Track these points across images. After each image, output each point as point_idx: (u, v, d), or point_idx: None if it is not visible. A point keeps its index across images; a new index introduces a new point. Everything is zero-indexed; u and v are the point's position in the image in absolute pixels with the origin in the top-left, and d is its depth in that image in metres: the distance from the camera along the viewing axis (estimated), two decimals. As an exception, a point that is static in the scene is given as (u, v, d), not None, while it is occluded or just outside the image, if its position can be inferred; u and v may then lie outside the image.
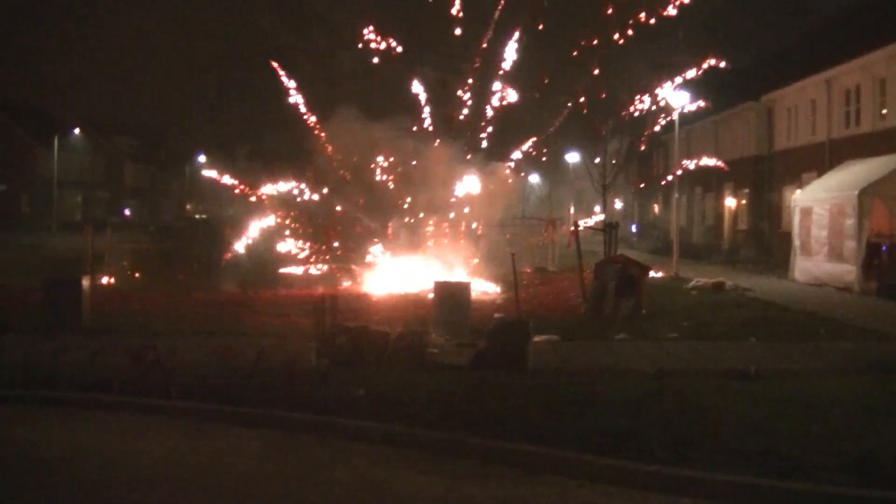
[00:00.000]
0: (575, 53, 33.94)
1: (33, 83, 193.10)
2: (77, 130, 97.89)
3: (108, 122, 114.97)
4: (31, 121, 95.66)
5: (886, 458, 9.52)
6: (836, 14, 46.14)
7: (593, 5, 34.67)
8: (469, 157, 36.07)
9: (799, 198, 36.48)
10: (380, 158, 35.81)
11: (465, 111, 36.43)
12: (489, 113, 36.26)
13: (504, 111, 36.65)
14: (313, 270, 34.74)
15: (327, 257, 35.85)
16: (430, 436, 11.15)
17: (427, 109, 36.65)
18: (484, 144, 36.98)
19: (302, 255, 36.06)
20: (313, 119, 36.80)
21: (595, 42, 33.09)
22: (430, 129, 36.79)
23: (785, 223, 44.62)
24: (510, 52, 34.80)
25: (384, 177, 36.20)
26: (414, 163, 35.48)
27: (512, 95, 35.96)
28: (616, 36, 32.66)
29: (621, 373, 15.17)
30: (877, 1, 41.34)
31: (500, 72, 35.43)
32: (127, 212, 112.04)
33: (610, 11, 32.40)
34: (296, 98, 36.55)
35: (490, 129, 36.76)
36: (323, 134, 36.46)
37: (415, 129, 36.11)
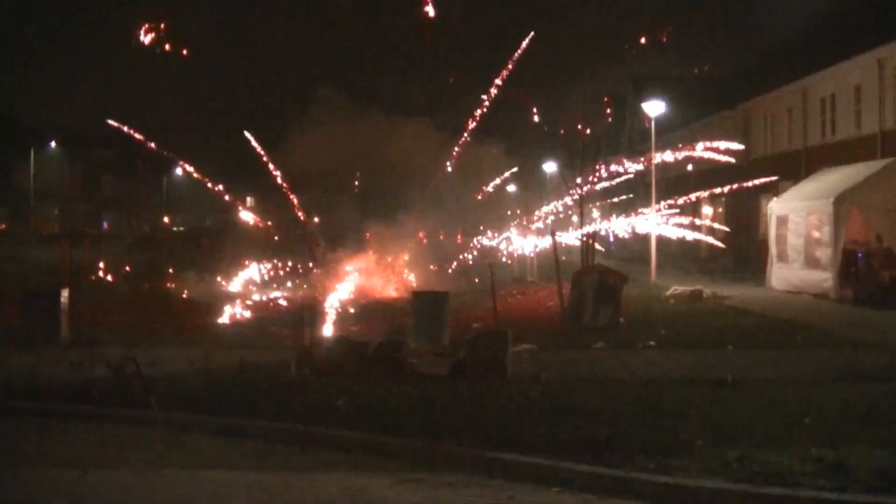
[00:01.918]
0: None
1: (9, 94, 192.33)
2: (54, 143, 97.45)
3: (85, 133, 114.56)
4: (7, 132, 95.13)
5: (860, 463, 9.62)
6: (811, 24, 46.40)
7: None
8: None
9: (775, 206, 36.66)
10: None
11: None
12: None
13: None
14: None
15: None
16: (409, 444, 11.22)
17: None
18: None
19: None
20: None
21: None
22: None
23: (762, 232, 44.81)
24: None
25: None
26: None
27: None
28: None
29: (600, 381, 15.25)
30: (851, 10, 41.64)
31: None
32: (105, 224, 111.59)
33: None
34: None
35: None
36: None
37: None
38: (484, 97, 38.85)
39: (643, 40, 53.49)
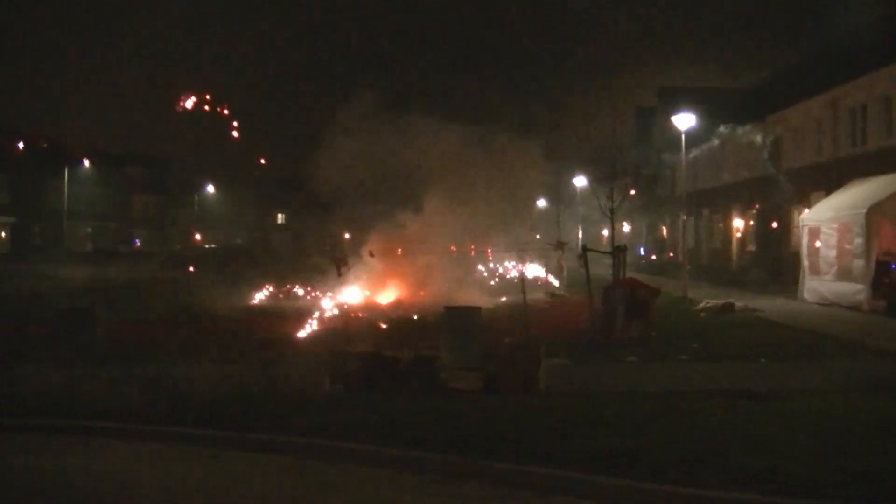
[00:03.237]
0: None
1: (44, 114, 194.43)
2: (86, 161, 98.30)
3: (117, 152, 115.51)
4: (41, 152, 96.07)
5: (890, 475, 9.63)
6: (840, 35, 46.29)
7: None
8: None
9: (806, 218, 36.55)
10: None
11: None
12: None
13: None
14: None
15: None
16: (442, 459, 11.27)
17: None
18: None
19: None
20: None
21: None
22: None
23: (793, 243, 44.65)
24: None
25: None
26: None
27: None
28: None
29: (631, 394, 15.27)
30: (880, 22, 41.48)
31: None
32: (137, 242, 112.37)
33: None
34: None
35: None
36: None
37: None
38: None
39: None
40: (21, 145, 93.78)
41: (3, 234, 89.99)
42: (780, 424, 12.17)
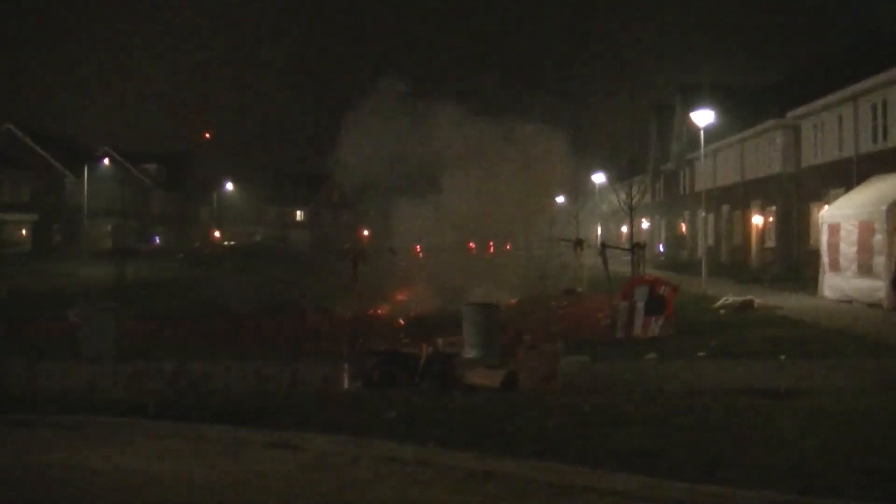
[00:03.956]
0: None
1: (63, 113, 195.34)
2: (106, 160, 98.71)
3: (136, 150, 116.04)
4: (61, 151, 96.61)
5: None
6: (860, 30, 46.22)
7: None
8: None
9: (826, 214, 36.40)
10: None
11: None
12: None
13: None
14: None
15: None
16: (462, 456, 11.26)
17: None
18: None
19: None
20: None
21: None
22: None
23: (813, 240, 44.50)
24: None
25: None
26: None
27: None
28: None
29: (651, 392, 15.24)
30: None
31: None
32: (156, 240, 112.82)
33: None
34: None
35: None
36: None
37: None
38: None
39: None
40: (41, 144, 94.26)
41: (24, 233, 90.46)
42: (802, 422, 12.12)
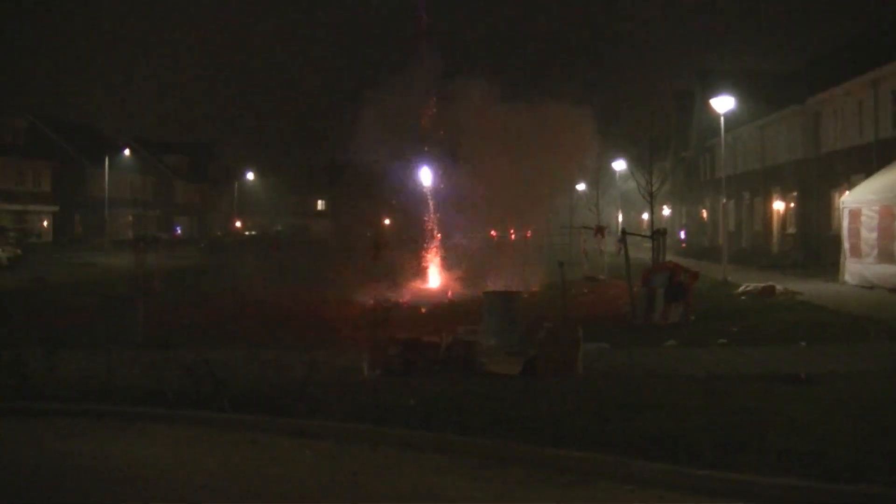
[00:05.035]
0: None
1: (85, 103, 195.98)
2: (127, 150, 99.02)
3: (158, 140, 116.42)
4: (82, 141, 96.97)
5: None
6: (879, 16, 45.99)
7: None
8: None
9: (847, 200, 36.19)
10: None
11: None
12: None
13: None
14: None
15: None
16: (481, 443, 11.25)
17: None
18: None
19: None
20: None
21: None
22: None
23: (834, 226, 44.31)
24: None
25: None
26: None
27: None
28: None
29: (671, 378, 15.19)
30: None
31: None
32: (178, 229, 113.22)
33: None
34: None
35: None
36: None
37: None
38: None
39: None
40: (63, 135, 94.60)
41: (46, 223, 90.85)
42: (824, 408, 12.06)
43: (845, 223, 35.13)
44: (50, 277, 44.36)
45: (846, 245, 34.90)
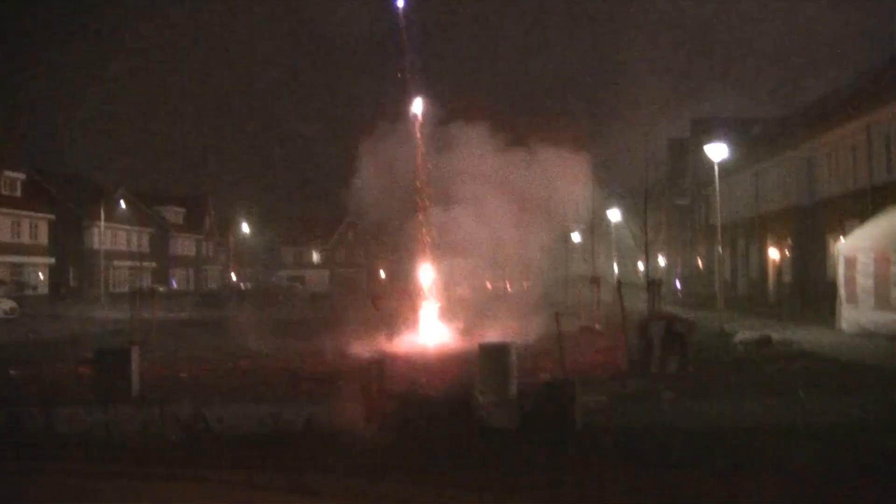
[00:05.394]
0: None
1: (80, 154, 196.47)
2: (123, 203, 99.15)
3: (154, 193, 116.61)
4: (79, 193, 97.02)
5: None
6: (872, 62, 46.34)
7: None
8: None
9: (843, 247, 36.27)
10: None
11: None
12: None
13: None
14: None
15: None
16: (480, 498, 11.22)
17: None
18: None
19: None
20: None
21: None
22: None
23: (830, 273, 44.33)
24: None
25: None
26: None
27: None
28: None
29: (669, 432, 15.16)
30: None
31: None
32: (174, 282, 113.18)
33: None
34: None
35: None
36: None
37: None
38: None
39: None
40: (59, 187, 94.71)
41: (42, 276, 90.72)
42: (822, 460, 12.04)
43: (841, 270, 35.16)
44: (46, 331, 44.25)
45: (842, 292, 34.92)
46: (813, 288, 49.54)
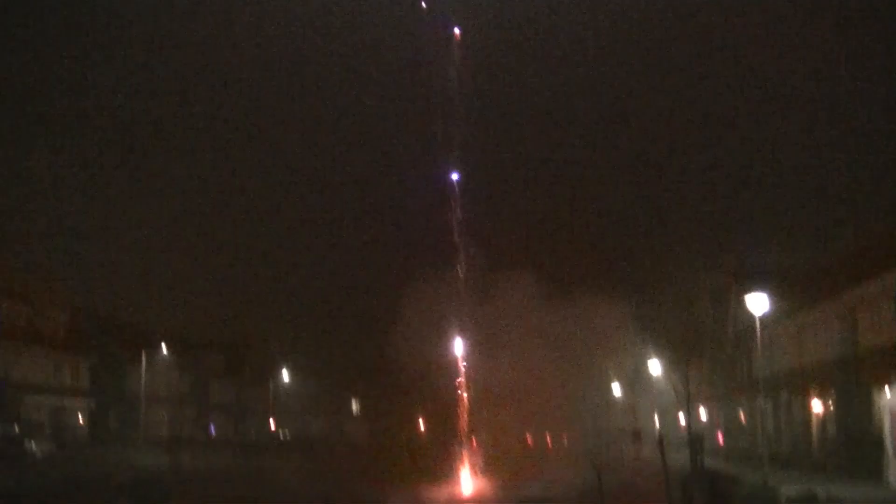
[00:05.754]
0: None
1: (121, 298, 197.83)
2: (164, 346, 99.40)
3: (195, 339, 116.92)
4: (119, 336, 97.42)
5: None
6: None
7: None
8: None
9: (889, 399, 35.77)
10: None
11: None
12: None
13: None
14: None
15: None
16: None
17: None
18: None
19: None
20: None
21: None
22: None
23: (876, 426, 43.55)
24: None
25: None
26: None
27: None
28: None
29: None
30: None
31: None
32: (213, 428, 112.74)
33: None
34: None
35: None
36: None
37: None
38: None
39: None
40: (102, 329, 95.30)
41: (81, 418, 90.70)
42: None
43: (888, 423, 34.65)
44: (84, 476, 44.13)
45: (890, 446, 34.33)
46: (859, 442, 48.65)
